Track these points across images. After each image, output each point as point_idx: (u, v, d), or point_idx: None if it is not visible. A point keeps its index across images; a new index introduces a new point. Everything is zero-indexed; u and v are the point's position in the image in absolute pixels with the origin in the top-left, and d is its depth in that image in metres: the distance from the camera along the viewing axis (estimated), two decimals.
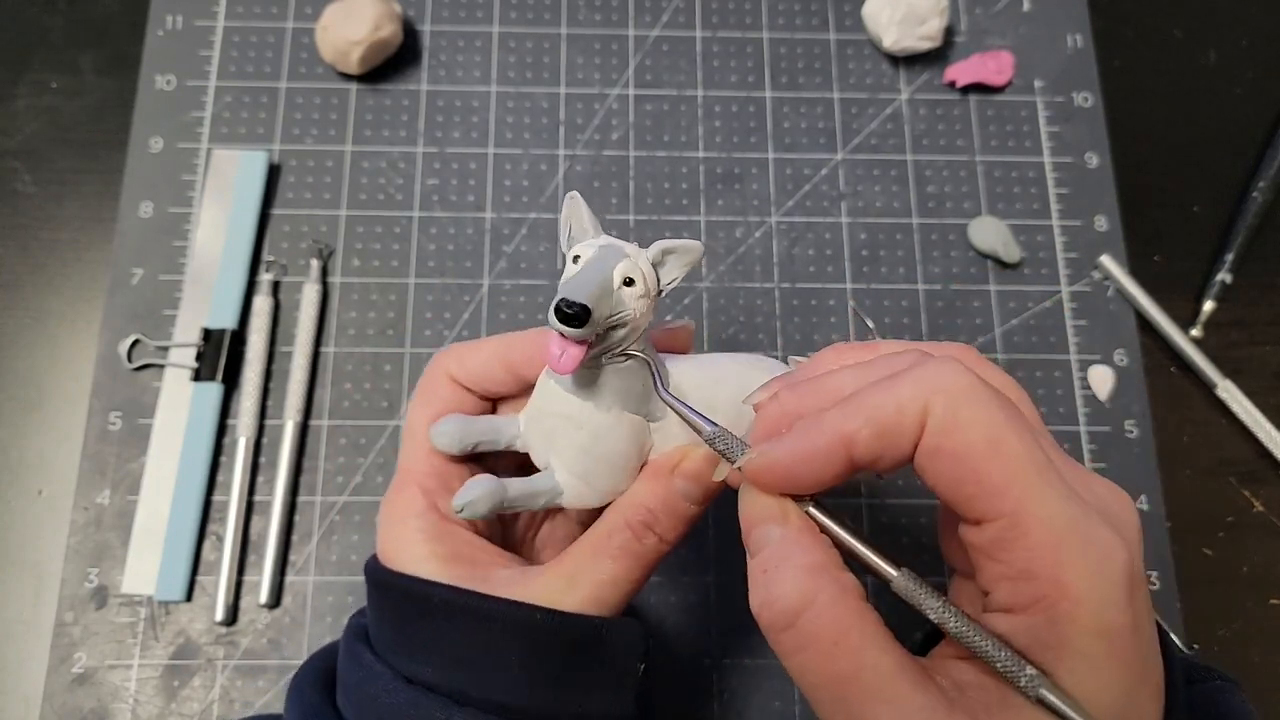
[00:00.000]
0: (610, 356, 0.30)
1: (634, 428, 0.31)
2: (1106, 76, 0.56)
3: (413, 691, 0.29)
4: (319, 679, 0.33)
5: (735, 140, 0.54)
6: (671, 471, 0.31)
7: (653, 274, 0.30)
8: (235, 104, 0.53)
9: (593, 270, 0.29)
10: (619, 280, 0.29)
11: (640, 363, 0.30)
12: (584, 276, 0.29)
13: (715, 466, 0.30)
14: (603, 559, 0.30)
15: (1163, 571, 0.48)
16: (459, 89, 0.55)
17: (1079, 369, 0.51)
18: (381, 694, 0.30)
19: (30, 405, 0.49)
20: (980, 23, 0.57)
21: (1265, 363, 0.52)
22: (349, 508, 0.47)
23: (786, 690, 0.46)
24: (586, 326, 0.27)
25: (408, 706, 0.29)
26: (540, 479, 0.32)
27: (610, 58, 0.56)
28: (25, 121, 0.53)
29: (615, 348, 0.30)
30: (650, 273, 0.30)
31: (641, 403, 0.31)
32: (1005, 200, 0.54)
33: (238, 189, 0.51)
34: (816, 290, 0.52)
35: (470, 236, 0.52)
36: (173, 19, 0.54)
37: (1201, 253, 0.54)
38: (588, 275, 0.29)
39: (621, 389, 0.31)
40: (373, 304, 0.51)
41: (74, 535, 0.46)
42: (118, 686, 0.44)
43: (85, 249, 0.51)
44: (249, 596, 0.46)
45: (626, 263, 0.29)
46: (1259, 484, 0.50)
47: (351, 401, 0.49)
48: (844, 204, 0.54)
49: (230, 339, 0.49)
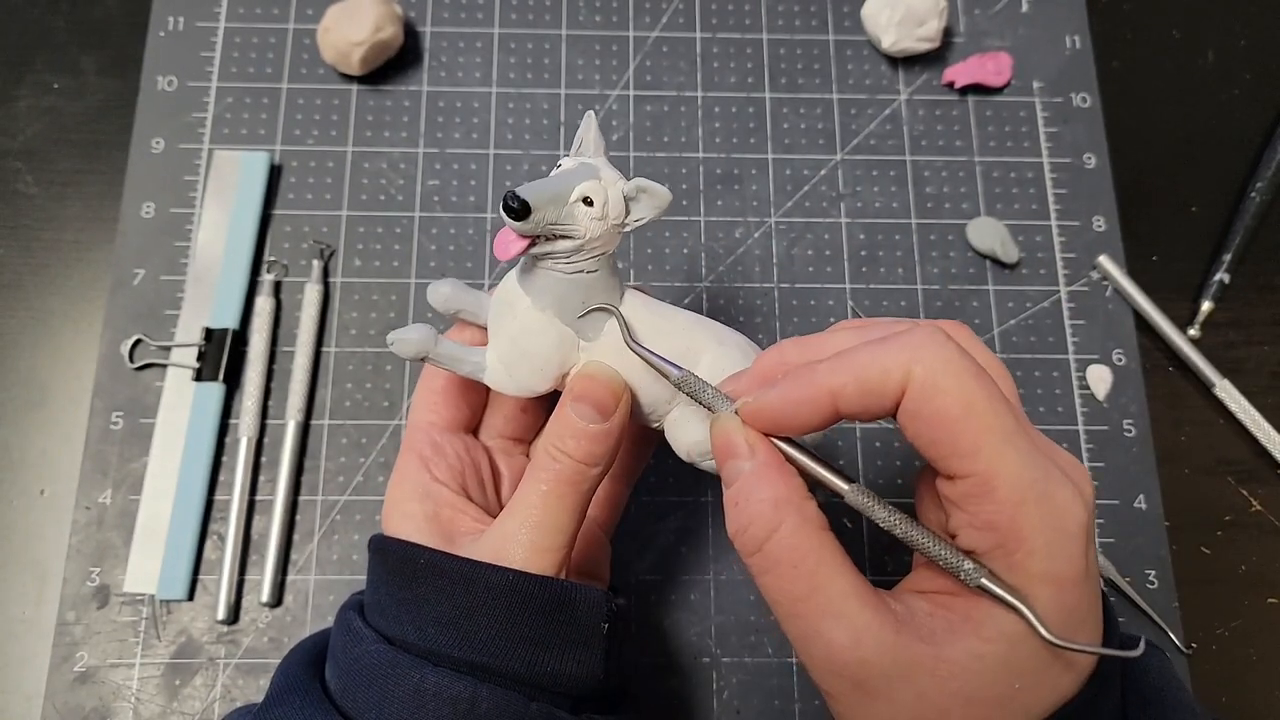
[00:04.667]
0: (555, 262, 0.32)
1: (561, 336, 0.33)
2: (1105, 77, 0.57)
3: (391, 651, 0.31)
4: (305, 655, 0.34)
5: (735, 141, 0.55)
6: (568, 395, 0.33)
7: (620, 203, 0.32)
8: (237, 105, 0.53)
9: (556, 178, 0.31)
10: (577, 195, 0.31)
11: (580, 280, 0.32)
12: (546, 180, 0.31)
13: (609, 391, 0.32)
14: (532, 491, 0.32)
15: (1160, 570, 0.48)
16: (460, 90, 0.55)
17: (1077, 369, 0.51)
18: (363, 655, 0.31)
19: (32, 405, 0.49)
20: (979, 24, 0.57)
21: (1263, 362, 0.52)
22: (350, 507, 0.48)
23: (786, 689, 0.46)
24: (525, 222, 0.30)
25: (385, 666, 0.30)
26: (473, 350, 0.34)
27: (610, 59, 0.56)
28: (27, 122, 0.53)
29: (562, 256, 0.32)
30: (617, 201, 0.32)
31: (573, 317, 0.33)
32: (1004, 201, 0.54)
33: (239, 189, 0.51)
34: (816, 290, 0.52)
35: (471, 237, 0.52)
36: (174, 20, 0.55)
37: (1199, 253, 0.54)
38: (548, 180, 0.31)
39: (558, 296, 0.32)
40: (374, 304, 0.51)
41: (76, 534, 0.46)
42: (119, 685, 0.44)
43: (87, 249, 0.51)
44: (250, 595, 0.46)
45: (592, 184, 0.31)
46: (1257, 483, 0.50)
47: (353, 401, 0.49)
48: (843, 204, 0.54)
49: (232, 339, 0.49)
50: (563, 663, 0.31)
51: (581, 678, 0.31)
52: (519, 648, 0.31)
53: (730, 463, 0.29)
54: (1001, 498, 0.25)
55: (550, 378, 0.34)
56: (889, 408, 0.27)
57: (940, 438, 0.26)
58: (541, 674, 0.31)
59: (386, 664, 0.30)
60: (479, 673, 0.30)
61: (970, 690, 0.26)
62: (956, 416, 0.25)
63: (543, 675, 0.31)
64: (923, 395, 0.26)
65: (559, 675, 0.31)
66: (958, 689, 0.26)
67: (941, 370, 0.26)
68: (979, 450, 0.25)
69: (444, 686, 0.30)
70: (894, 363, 0.26)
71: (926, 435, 0.26)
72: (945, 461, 0.26)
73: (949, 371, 0.26)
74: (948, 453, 0.26)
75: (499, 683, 0.30)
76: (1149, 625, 0.47)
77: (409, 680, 0.30)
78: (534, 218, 0.30)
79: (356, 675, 0.31)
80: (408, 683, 0.30)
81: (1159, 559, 0.48)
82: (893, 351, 0.26)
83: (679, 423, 0.34)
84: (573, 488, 0.32)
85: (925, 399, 0.26)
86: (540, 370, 0.33)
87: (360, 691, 0.30)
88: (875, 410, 0.27)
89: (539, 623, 0.31)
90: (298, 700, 0.31)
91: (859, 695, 0.27)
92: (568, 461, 0.32)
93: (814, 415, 0.28)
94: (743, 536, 0.28)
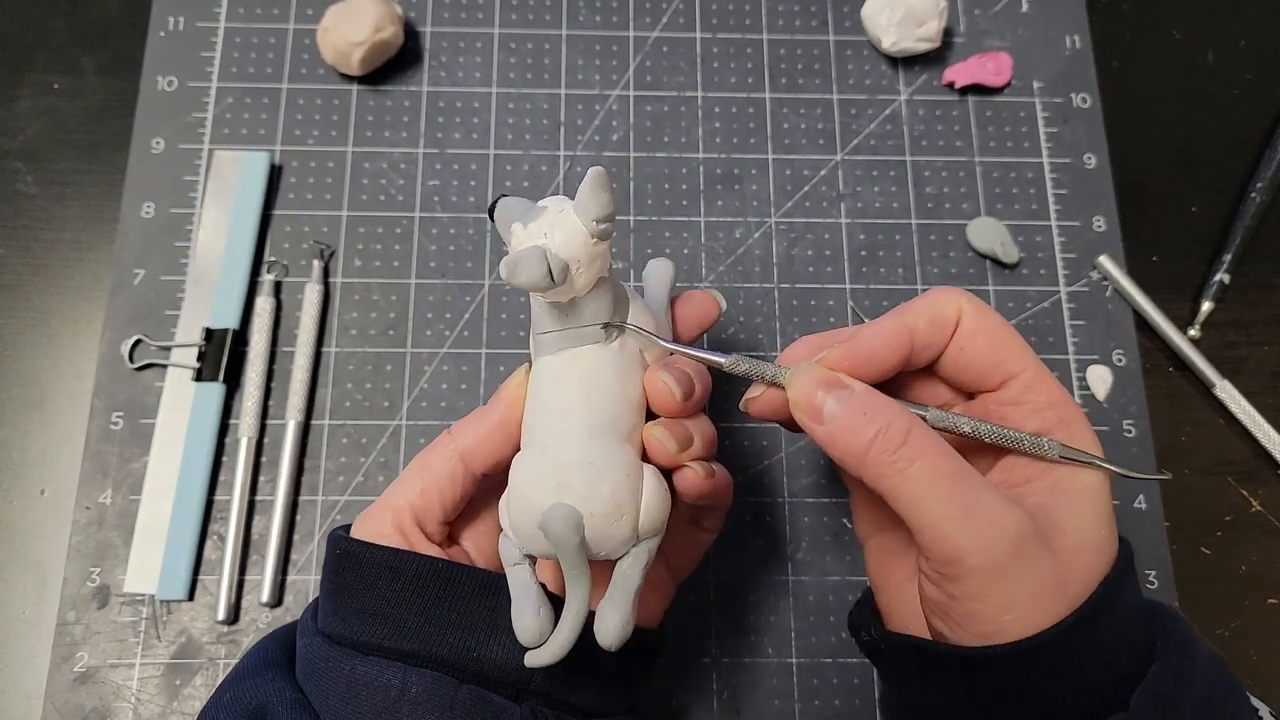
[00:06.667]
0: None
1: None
2: (1105, 77, 0.57)
3: (326, 645, 0.32)
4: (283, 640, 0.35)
5: (735, 141, 0.55)
6: None
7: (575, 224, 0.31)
8: (237, 105, 0.53)
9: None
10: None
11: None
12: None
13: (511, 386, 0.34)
14: None
15: (1161, 570, 0.48)
16: (460, 90, 0.55)
17: (1077, 369, 0.51)
18: (305, 649, 0.33)
19: (32, 405, 0.49)
20: (979, 24, 0.57)
21: (1263, 363, 0.52)
22: (350, 507, 0.48)
23: (786, 689, 0.46)
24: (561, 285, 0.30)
25: (319, 660, 0.32)
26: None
27: (610, 59, 0.56)
28: (27, 122, 0.53)
29: None
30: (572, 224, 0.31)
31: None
32: (1004, 201, 0.54)
33: (239, 190, 0.51)
34: (816, 291, 0.52)
35: (471, 237, 0.52)
36: (174, 20, 0.55)
37: (1199, 253, 0.54)
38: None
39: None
40: (374, 304, 0.51)
41: (76, 535, 0.46)
42: (120, 685, 0.44)
43: (87, 249, 0.51)
44: (250, 596, 0.46)
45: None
46: (1257, 483, 0.50)
47: (353, 401, 0.49)
48: (843, 205, 0.54)
49: (232, 339, 0.49)
50: (488, 647, 0.32)
51: (508, 664, 0.32)
52: (447, 633, 0.32)
53: (833, 393, 0.31)
54: (1052, 383, 0.32)
55: None
56: (946, 340, 0.33)
57: (997, 346, 0.32)
58: (469, 658, 0.32)
59: (320, 657, 0.32)
60: (409, 659, 0.31)
61: (1077, 544, 0.30)
62: (1003, 333, 0.33)
63: (470, 659, 0.32)
64: (977, 319, 0.33)
65: (485, 660, 0.32)
66: (1071, 546, 0.29)
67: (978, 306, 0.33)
68: (1025, 353, 0.33)
69: (373, 675, 0.31)
70: (947, 302, 0.33)
71: (985, 348, 0.33)
72: (1001, 367, 0.32)
73: (982, 307, 0.33)
74: (1003, 358, 0.32)
75: (430, 667, 0.31)
76: None
77: (340, 670, 0.31)
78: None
79: (304, 665, 0.33)
80: (340, 673, 0.31)
81: (1159, 559, 0.48)
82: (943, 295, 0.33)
83: None
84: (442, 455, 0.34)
85: (980, 321, 0.33)
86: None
87: (308, 682, 0.32)
88: (938, 343, 0.33)
89: (465, 608, 0.32)
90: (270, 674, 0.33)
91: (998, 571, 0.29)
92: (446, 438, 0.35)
93: (896, 350, 0.32)
94: (885, 435, 0.30)
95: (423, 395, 0.49)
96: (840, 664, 0.46)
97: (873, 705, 0.46)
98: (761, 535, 0.48)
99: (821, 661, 0.46)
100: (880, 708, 0.46)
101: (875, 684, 0.46)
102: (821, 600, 0.47)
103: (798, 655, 0.47)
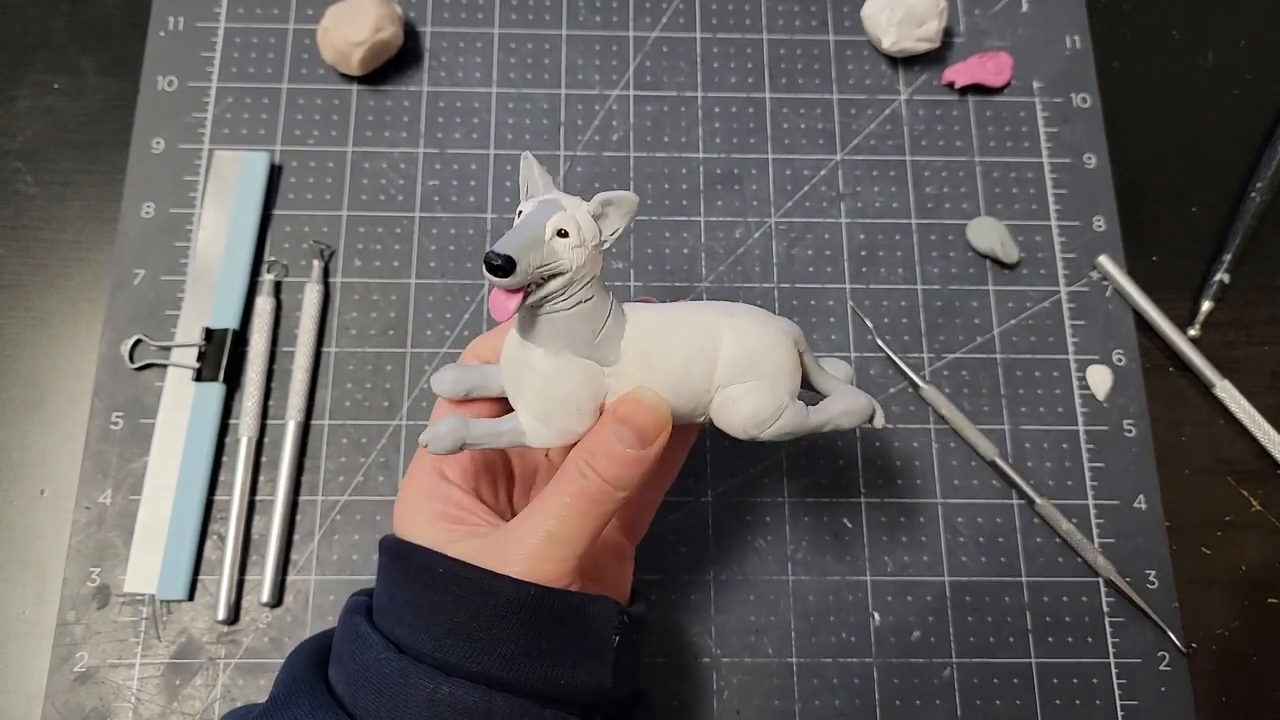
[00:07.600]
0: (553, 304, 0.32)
1: (585, 372, 0.33)
2: (1105, 77, 0.57)
3: (403, 661, 0.30)
4: (310, 656, 0.34)
5: (735, 141, 0.55)
6: (610, 415, 0.33)
7: (591, 225, 0.32)
8: (237, 105, 0.53)
9: (525, 224, 0.31)
10: (551, 232, 0.31)
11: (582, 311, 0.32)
12: (516, 229, 0.31)
13: (653, 419, 0.33)
14: (555, 501, 0.32)
15: (1161, 570, 0.48)
16: (460, 90, 0.55)
17: (1077, 369, 0.51)
18: (374, 663, 0.31)
19: (32, 405, 0.49)
20: (979, 24, 0.57)
21: (1263, 362, 0.52)
22: (350, 507, 0.48)
23: (786, 689, 0.46)
24: (514, 276, 0.30)
25: (397, 675, 0.30)
26: (504, 420, 0.34)
27: (610, 59, 0.56)
28: (27, 122, 0.53)
29: (558, 295, 0.32)
30: (588, 223, 0.32)
31: (590, 347, 0.33)
32: (1004, 201, 0.54)
33: (239, 190, 0.51)
34: (816, 291, 0.52)
35: (471, 237, 0.52)
36: (174, 20, 0.55)
37: (1199, 253, 0.54)
38: (519, 228, 0.31)
39: (567, 334, 0.32)
40: (374, 304, 0.51)
41: (76, 535, 0.46)
42: (120, 685, 0.44)
43: (87, 249, 0.51)
44: (250, 595, 0.46)
45: (561, 215, 0.31)
46: (1257, 483, 0.50)
47: (353, 401, 0.49)
48: (843, 205, 0.54)
49: (232, 339, 0.49)
50: (573, 674, 0.31)
51: (589, 688, 0.32)
52: (534, 661, 0.31)
53: None
54: None
55: (589, 414, 0.33)
56: None
57: None
58: (553, 686, 0.31)
59: (398, 673, 0.30)
60: (492, 685, 0.30)
61: None
62: None
63: (554, 687, 0.31)
64: None
65: (569, 687, 0.31)
66: None
67: None
68: None
69: (459, 697, 0.29)
70: None
71: None
72: None
73: None
74: None
75: (511, 691, 0.30)
76: (1149, 625, 0.47)
77: (422, 690, 0.30)
78: (520, 268, 0.30)
79: (365, 682, 0.31)
80: (421, 692, 0.30)
81: (1159, 559, 0.48)
82: None
83: (727, 404, 0.34)
84: (595, 506, 0.32)
85: None
86: (578, 410, 0.33)
87: (370, 699, 0.30)
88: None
89: (554, 637, 0.31)
90: (306, 704, 0.31)
91: None
92: (595, 480, 0.32)
93: None
94: None
95: (423, 395, 0.49)
96: (840, 664, 0.46)
97: (873, 705, 0.46)
98: (761, 535, 0.48)
99: (821, 661, 0.46)
100: None
101: (875, 684, 0.46)
102: (821, 600, 0.47)
103: (798, 655, 0.47)
